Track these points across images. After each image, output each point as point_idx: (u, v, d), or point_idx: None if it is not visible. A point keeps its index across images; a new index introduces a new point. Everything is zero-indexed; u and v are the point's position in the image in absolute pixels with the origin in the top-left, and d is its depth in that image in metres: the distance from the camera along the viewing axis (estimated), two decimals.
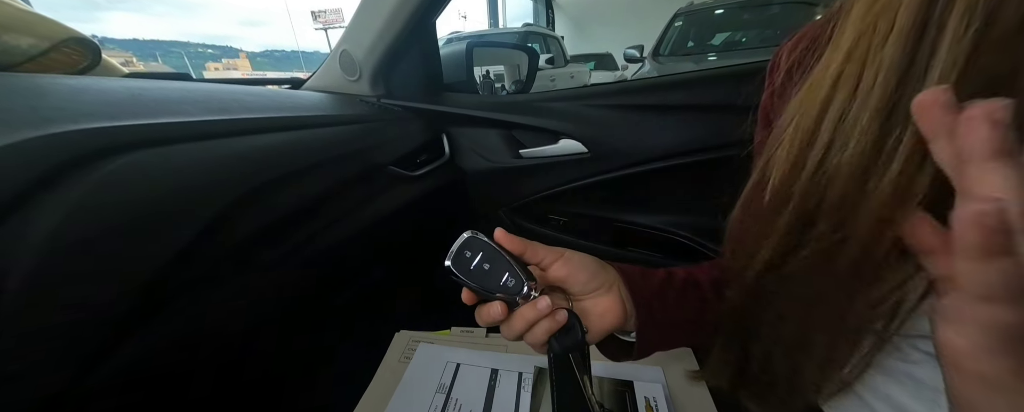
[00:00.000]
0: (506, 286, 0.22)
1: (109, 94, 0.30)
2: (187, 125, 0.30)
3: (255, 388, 0.39)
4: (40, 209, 0.20)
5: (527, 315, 0.23)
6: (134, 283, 0.23)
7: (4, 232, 0.18)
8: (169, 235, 0.25)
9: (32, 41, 0.41)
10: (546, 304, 0.23)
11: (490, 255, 0.23)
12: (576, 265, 0.24)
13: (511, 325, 0.23)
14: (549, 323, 0.23)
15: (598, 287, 0.25)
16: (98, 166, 0.23)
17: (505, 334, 0.24)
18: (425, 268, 0.63)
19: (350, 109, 0.55)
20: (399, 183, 0.53)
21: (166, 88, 0.36)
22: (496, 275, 0.22)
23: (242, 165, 0.32)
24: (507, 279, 0.22)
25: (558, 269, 0.24)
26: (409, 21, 0.54)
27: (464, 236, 0.23)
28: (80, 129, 0.24)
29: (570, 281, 0.24)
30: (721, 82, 0.54)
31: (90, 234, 0.21)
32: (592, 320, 0.25)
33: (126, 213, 0.23)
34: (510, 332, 0.24)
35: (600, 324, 0.25)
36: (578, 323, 0.24)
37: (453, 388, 0.36)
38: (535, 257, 0.24)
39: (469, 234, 0.23)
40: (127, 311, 0.23)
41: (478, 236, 0.23)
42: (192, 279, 0.27)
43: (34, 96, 0.26)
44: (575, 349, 0.24)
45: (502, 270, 0.22)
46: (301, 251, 0.37)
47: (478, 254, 0.23)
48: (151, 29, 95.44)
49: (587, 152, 0.58)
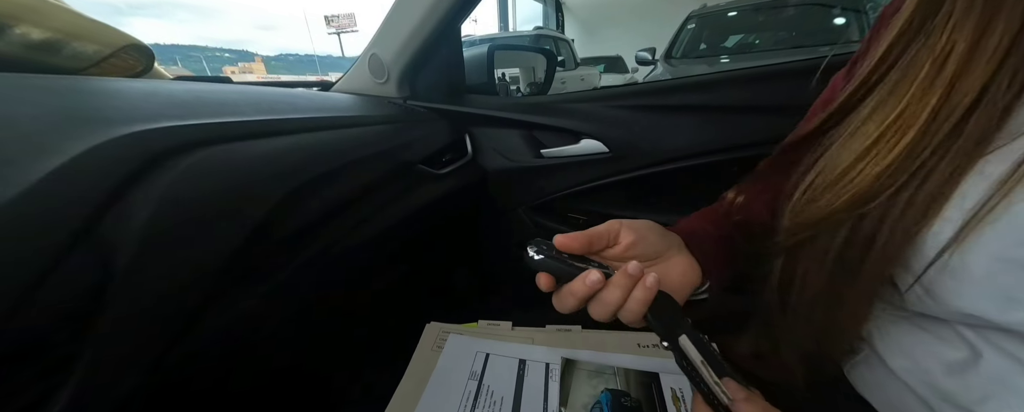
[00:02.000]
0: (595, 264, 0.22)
1: (176, 96, 0.33)
2: (247, 123, 0.32)
3: (293, 377, 0.42)
4: (136, 199, 0.22)
5: (622, 282, 0.21)
6: (209, 271, 0.25)
7: (110, 219, 0.20)
8: (236, 226, 0.27)
9: (97, 47, 0.45)
10: (636, 266, 0.21)
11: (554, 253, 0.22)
12: (640, 228, 0.24)
13: (605, 299, 0.21)
14: (644, 292, 0.21)
15: (669, 246, 0.25)
16: (177, 161, 0.25)
17: (597, 314, 0.22)
18: (449, 265, 0.65)
19: (380, 110, 0.58)
20: (426, 181, 0.55)
21: (222, 90, 0.39)
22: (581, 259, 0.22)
23: (292, 161, 0.34)
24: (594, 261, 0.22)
25: (626, 236, 0.23)
26: (437, 26, 0.56)
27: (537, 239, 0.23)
28: (160, 127, 0.26)
29: (642, 244, 0.24)
30: (743, 84, 0.55)
31: (176, 224, 0.23)
32: (674, 280, 0.24)
33: (202, 205, 0.25)
34: (605, 307, 0.22)
35: (683, 282, 0.25)
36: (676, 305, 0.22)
37: (484, 376, 0.37)
38: (600, 242, 0.23)
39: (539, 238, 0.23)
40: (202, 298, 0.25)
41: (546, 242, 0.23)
42: (247, 269, 0.29)
43: (117, 98, 0.29)
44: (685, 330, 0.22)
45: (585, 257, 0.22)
46: (337, 245, 0.39)
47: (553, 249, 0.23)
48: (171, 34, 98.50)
49: (608, 152, 0.59)
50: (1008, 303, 0.17)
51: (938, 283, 0.19)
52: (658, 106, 0.57)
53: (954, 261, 0.18)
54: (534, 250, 0.22)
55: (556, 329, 0.43)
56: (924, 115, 0.17)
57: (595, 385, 0.35)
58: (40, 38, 0.40)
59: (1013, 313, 0.17)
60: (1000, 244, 0.17)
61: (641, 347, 0.40)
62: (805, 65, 0.53)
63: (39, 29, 0.40)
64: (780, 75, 0.54)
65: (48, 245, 0.18)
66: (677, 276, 0.25)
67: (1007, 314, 0.17)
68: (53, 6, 0.42)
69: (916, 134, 0.17)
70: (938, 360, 0.21)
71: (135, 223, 0.21)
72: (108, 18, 1.11)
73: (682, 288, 0.25)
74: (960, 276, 0.18)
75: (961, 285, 0.18)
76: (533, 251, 0.22)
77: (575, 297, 0.22)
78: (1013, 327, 0.17)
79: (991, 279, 0.17)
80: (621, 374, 0.36)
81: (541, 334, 0.43)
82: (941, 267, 0.18)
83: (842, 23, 2.32)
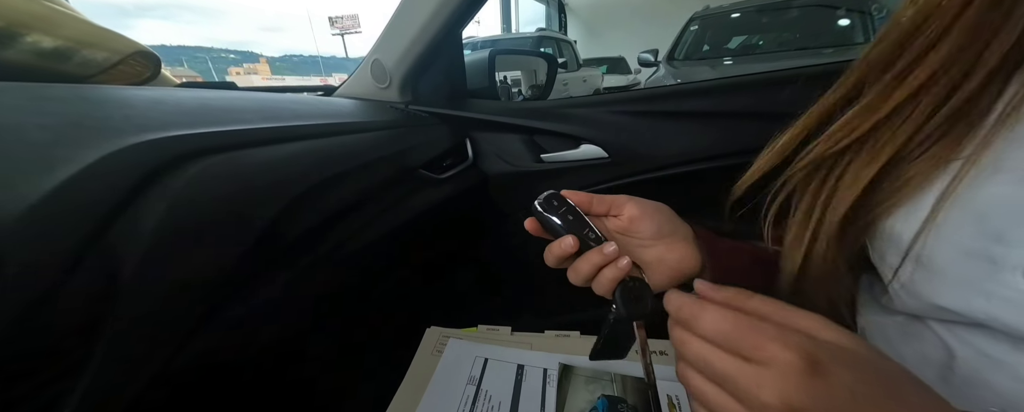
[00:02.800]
0: (586, 233, 0.24)
1: (183, 104, 0.34)
2: (251, 132, 0.33)
3: (295, 380, 0.42)
4: (144, 208, 0.23)
5: (593, 259, 0.23)
6: (214, 277, 0.26)
7: (118, 228, 0.21)
8: (240, 233, 0.28)
9: (106, 55, 0.45)
10: (614, 249, 0.23)
11: (572, 211, 0.25)
12: (647, 206, 0.25)
13: (578, 268, 0.24)
14: (614, 271, 0.23)
15: (674, 231, 0.26)
16: (184, 169, 0.26)
17: (572, 277, 0.25)
18: (450, 268, 0.65)
19: (381, 115, 0.58)
20: (427, 186, 0.55)
21: (228, 98, 0.39)
22: (578, 225, 0.24)
23: (295, 168, 0.35)
24: (588, 231, 0.24)
25: (630, 209, 0.25)
26: (439, 32, 0.57)
27: (549, 191, 0.25)
28: (169, 135, 0.27)
29: (646, 221, 0.25)
30: (742, 90, 0.55)
31: (183, 231, 0.24)
32: (670, 264, 0.25)
33: (207, 213, 0.26)
34: (577, 275, 0.24)
35: (679, 268, 0.26)
36: (650, 294, 0.24)
37: (482, 381, 0.38)
38: (601, 206, 0.25)
39: (552, 191, 0.25)
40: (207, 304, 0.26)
41: (560, 194, 0.25)
42: (251, 275, 0.30)
43: (125, 106, 0.30)
44: (641, 317, 0.24)
45: (583, 224, 0.24)
46: (339, 250, 0.40)
47: (562, 207, 0.25)
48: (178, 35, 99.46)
49: (607, 157, 0.59)
50: (970, 293, 0.18)
51: (912, 277, 0.20)
52: (658, 112, 0.58)
53: (924, 253, 0.19)
54: (541, 201, 0.25)
55: (555, 334, 0.44)
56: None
57: (592, 391, 0.36)
58: (51, 46, 0.41)
59: (974, 302, 0.18)
60: (959, 235, 0.17)
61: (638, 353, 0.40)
62: (805, 71, 0.53)
63: (50, 37, 0.41)
64: (780, 82, 0.54)
65: (57, 255, 0.18)
66: (674, 260, 0.25)
67: (969, 304, 0.18)
68: (63, 15, 0.43)
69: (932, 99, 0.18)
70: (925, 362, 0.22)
71: (143, 231, 0.21)
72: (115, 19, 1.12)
73: (675, 272, 0.26)
74: (929, 268, 0.19)
75: (931, 277, 0.19)
76: (539, 202, 0.25)
77: (551, 255, 0.24)
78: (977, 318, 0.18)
79: (954, 270, 0.18)
80: (618, 380, 0.37)
81: (540, 339, 0.43)
82: (914, 260, 0.19)
83: (847, 25, 2.31)
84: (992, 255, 0.16)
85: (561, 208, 0.25)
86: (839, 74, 0.30)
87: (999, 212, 0.16)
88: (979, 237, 0.17)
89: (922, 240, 0.18)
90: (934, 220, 0.18)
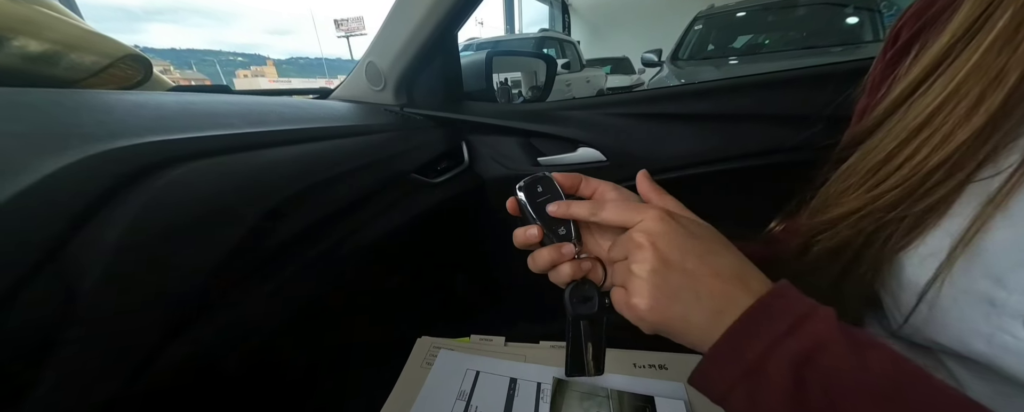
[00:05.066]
0: (555, 227, 0.25)
1: (164, 109, 0.33)
2: (233, 137, 0.32)
3: (283, 387, 0.41)
4: (112, 216, 0.21)
5: (548, 253, 0.25)
6: (192, 281, 0.25)
7: (79, 240, 0.20)
8: (214, 243, 0.27)
9: (95, 58, 0.45)
10: (570, 250, 0.24)
11: (554, 198, 0.25)
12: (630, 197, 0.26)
13: (536, 258, 0.25)
14: (571, 268, 0.24)
15: None
16: (157, 177, 0.25)
17: (530, 264, 0.26)
18: (446, 273, 0.64)
19: (375, 118, 0.57)
20: (420, 190, 0.54)
21: (212, 102, 0.38)
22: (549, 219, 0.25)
23: (280, 174, 0.34)
24: (559, 226, 0.25)
25: (611, 197, 0.25)
26: (434, 32, 0.56)
27: (540, 173, 0.26)
28: (145, 142, 0.26)
29: None
30: (741, 92, 0.53)
31: (151, 242, 0.23)
32: None
33: (183, 221, 0.25)
34: (534, 264, 0.26)
35: None
36: (598, 296, 0.25)
37: (473, 395, 0.36)
38: (588, 189, 0.26)
39: (544, 173, 0.26)
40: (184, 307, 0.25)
41: (550, 177, 0.25)
42: (227, 285, 0.29)
43: (101, 111, 0.29)
44: (586, 317, 0.25)
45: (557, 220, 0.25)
46: (326, 257, 0.39)
47: (545, 194, 0.25)
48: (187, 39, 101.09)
49: (605, 160, 0.58)
50: (970, 335, 0.18)
51: (915, 312, 0.20)
52: (656, 114, 0.56)
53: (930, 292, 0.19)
54: (524, 184, 0.25)
55: (550, 345, 0.42)
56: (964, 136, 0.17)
57: (587, 408, 0.34)
58: (38, 50, 0.41)
59: (974, 345, 0.18)
60: (966, 277, 0.17)
61: (637, 367, 0.38)
62: (806, 73, 0.51)
63: (37, 41, 0.41)
64: (780, 84, 0.52)
65: (9, 271, 0.17)
66: None
67: (968, 346, 0.18)
68: (51, 18, 0.43)
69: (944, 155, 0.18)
70: None
71: (106, 244, 0.20)
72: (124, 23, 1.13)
73: None
74: (934, 306, 0.19)
75: (933, 315, 0.19)
76: (522, 185, 0.25)
77: (516, 239, 0.26)
78: (976, 358, 0.18)
79: (955, 309, 0.18)
80: (615, 397, 0.35)
81: (534, 351, 0.41)
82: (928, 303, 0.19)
83: (855, 23, 2.27)
84: (992, 298, 0.17)
85: (544, 195, 0.25)
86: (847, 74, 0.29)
87: (999, 255, 0.16)
88: (980, 278, 0.17)
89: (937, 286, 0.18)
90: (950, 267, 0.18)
